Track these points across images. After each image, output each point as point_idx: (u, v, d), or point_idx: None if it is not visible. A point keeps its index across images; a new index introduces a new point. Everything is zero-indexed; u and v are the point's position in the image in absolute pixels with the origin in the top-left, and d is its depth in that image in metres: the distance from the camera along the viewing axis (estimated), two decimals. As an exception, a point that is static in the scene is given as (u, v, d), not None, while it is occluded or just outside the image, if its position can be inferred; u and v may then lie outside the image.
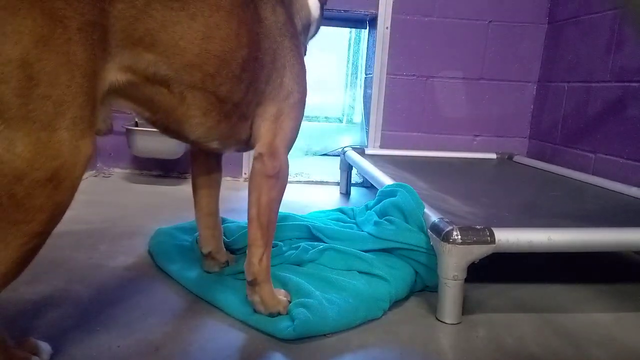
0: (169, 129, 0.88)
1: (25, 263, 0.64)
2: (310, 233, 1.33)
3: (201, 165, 1.13)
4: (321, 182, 2.39)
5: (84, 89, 0.62)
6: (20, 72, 0.57)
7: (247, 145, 0.97)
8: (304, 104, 0.99)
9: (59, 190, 0.62)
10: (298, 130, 0.99)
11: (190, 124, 0.85)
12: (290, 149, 0.98)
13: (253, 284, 0.96)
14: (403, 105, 2.31)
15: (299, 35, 1.01)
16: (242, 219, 1.46)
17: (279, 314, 0.95)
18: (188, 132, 0.87)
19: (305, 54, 1.05)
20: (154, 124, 0.87)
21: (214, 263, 1.16)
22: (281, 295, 1.00)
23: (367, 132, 2.34)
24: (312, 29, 1.08)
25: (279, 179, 0.94)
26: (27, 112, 0.58)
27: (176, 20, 0.73)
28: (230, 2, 0.82)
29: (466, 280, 1.01)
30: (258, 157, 0.93)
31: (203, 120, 0.85)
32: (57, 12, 0.59)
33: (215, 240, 1.15)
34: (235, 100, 0.86)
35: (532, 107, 2.35)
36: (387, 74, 2.27)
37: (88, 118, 0.63)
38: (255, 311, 0.97)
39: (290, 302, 0.99)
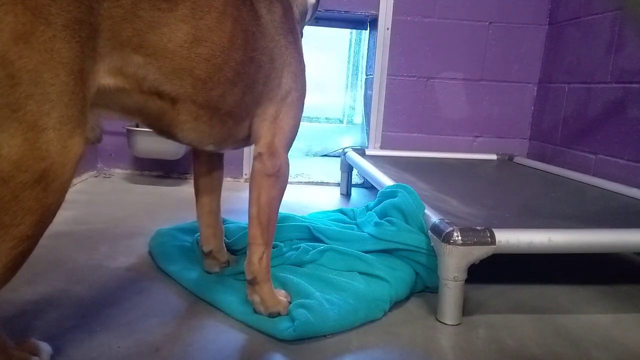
0: (162, 132, 0.87)
1: (16, 267, 0.62)
2: (311, 234, 1.33)
3: (203, 163, 1.13)
4: (321, 183, 2.39)
5: (70, 87, 0.60)
6: (0, 70, 0.55)
7: (247, 143, 0.97)
8: (303, 102, 0.98)
9: (48, 191, 0.60)
10: (297, 129, 0.98)
11: (181, 128, 0.84)
12: (290, 147, 0.98)
13: (253, 282, 0.96)
14: (403, 106, 2.31)
15: (297, 27, 0.99)
16: (242, 219, 1.46)
17: (278, 314, 0.95)
18: (180, 136, 0.86)
19: (301, 38, 1.03)
20: (147, 127, 0.86)
21: (215, 263, 1.16)
22: (281, 295, 1.00)
23: (368, 133, 2.34)
24: (309, 14, 1.07)
25: (279, 177, 0.94)
26: (11, 112, 0.56)
27: (164, 21, 0.71)
28: (224, 1, 0.79)
29: (466, 281, 1.01)
30: (258, 157, 0.93)
31: (195, 125, 0.84)
32: (41, 9, 0.57)
33: (217, 239, 1.15)
34: (229, 104, 0.85)
35: (532, 108, 2.35)
36: (387, 75, 2.27)
37: (76, 117, 0.61)
38: (255, 311, 0.97)
39: (290, 302, 0.99)
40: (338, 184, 2.31)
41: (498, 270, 1.30)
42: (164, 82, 0.75)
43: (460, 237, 0.99)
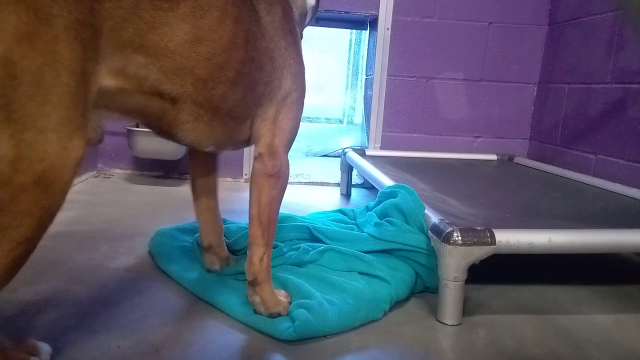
0: (162, 132, 0.87)
1: (15, 269, 0.61)
2: (311, 234, 1.33)
3: (200, 165, 1.14)
4: (322, 183, 2.39)
5: (70, 89, 0.60)
6: (2, 70, 0.54)
7: (247, 144, 0.98)
8: (303, 103, 0.99)
9: (47, 193, 0.59)
10: (297, 130, 0.99)
11: (182, 129, 0.83)
12: (290, 148, 0.98)
13: (254, 283, 0.96)
14: (403, 107, 2.31)
15: (297, 28, 0.99)
16: (242, 219, 1.46)
17: (279, 315, 0.95)
18: (181, 137, 0.86)
19: (300, 40, 1.04)
20: (147, 127, 0.86)
21: (215, 259, 1.16)
22: (281, 296, 1.00)
23: (368, 133, 2.34)
24: (308, 16, 1.07)
25: (279, 178, 0.94)
26: (10, 112, 0.55)
27: (165, 21, 0.71)
28: (224, 1, 0.79)
29: (467, 281, 1.01)
30: (258, 157, 0.93)
31: (195, 126, 0.84)
32: (42, 10, 0.57)
33: (216, 235, 1.16)
34: (230, 104, 0.85)
35: (532, 108, 2.35)
36: (387, 75, 2.27)
37: (77, 119, 0.61)
38: (255, 312, 0.97)
39: (290, 303, 0.99)
40: (338, 184, 2.31)
41: (498, 270, 1.30)
42: (164, 82, 0.75)
43: (460, 237, 0.99)
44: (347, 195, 2.20)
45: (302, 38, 1.06)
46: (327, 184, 2.39)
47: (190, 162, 1.14)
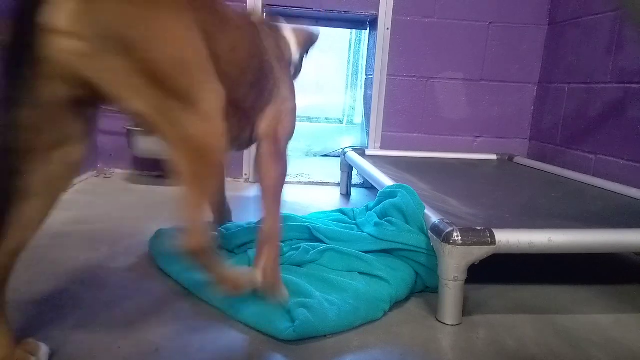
0: None
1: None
2: (311, 234, 1.33)
3: None
4: (322, 183, 2.39)
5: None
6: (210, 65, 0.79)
7: (248, 145, 1.08)
8: (296, 115, 1.12)
9: (214, 157, 0.81)
10: (293, 133, 1.09)
11: None
12: (287, 145, 1.08)
13: (264, 240, 1.02)
14: (403, 106, 2.31)
15: (288, 66, 1.16)
16: (242, 219, 1.46)
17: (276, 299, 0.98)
18: None
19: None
20: None
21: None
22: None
23: (368, 133, 2.34)
24: (291, 70, 1.20)
25: (282, 159, 1.05)
26: (195, 101, 0.76)
27: (216, 36, 0.88)
28: (243, 22, 0.99)
29: (466, 281, 1.01)
30: (264, 139, 1.04)
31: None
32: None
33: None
34: (248, 104, 0.99)
35: (532, 108, 2.35)
36: (387, 75, 2.27)
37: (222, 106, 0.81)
38: (258, 288, 0.98)
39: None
40: (338, 184, 2.31)
41: (498, 270, 1.30)
42: None
43: (460, 237, 0.99)
44: (347, 195, 2.20)
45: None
46: (327, 183, 2.39)
47: None
